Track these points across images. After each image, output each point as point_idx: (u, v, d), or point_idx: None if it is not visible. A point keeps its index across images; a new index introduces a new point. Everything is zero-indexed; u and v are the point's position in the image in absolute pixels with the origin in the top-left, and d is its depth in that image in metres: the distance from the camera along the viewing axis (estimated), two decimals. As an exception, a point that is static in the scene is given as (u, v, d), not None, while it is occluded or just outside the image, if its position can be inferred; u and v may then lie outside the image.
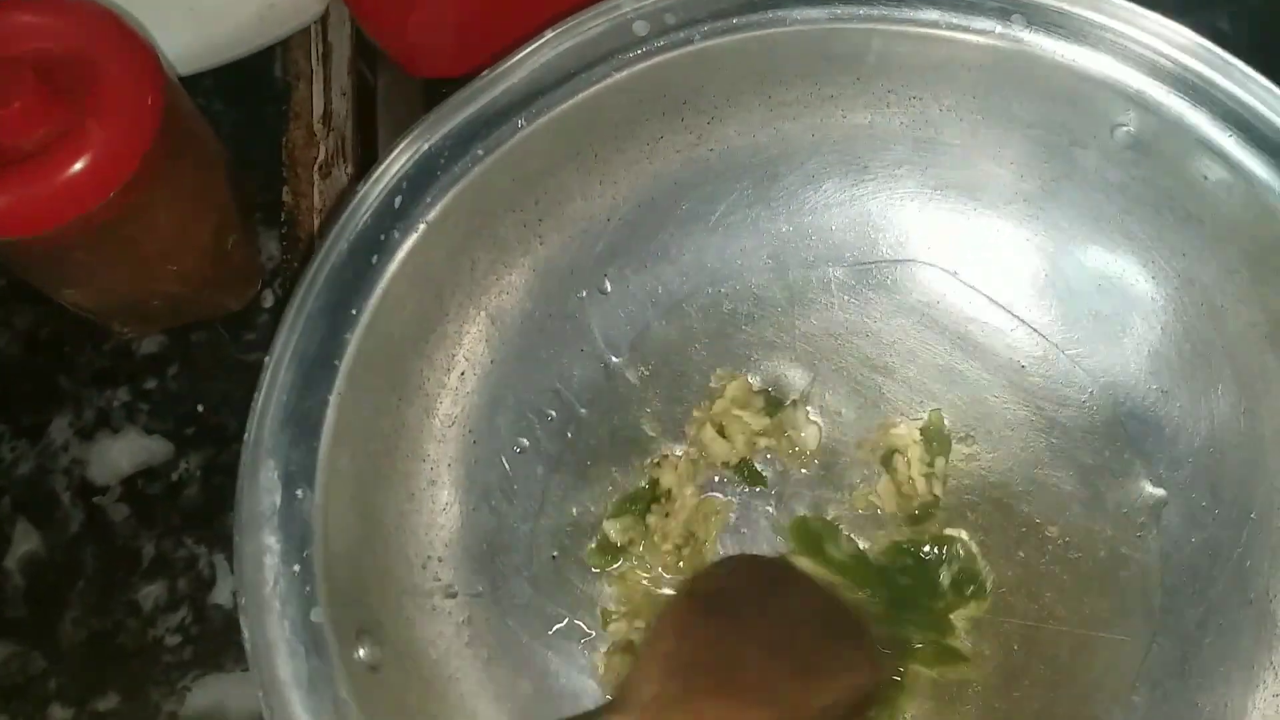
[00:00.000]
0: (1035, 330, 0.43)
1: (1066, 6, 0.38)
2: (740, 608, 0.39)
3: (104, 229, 0.37)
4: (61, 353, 0.46)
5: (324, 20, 0.49)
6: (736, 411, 0.43)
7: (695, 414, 0.43)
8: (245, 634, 0.34)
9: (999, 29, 0.38)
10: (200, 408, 0.45)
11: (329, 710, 0.33)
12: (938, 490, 0.42)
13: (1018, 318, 0.44)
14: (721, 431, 0.43)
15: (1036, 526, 0.41)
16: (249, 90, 0.49)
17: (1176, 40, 0.38)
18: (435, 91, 0.50)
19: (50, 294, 0.43)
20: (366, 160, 0.49)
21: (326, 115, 0.48)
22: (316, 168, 0.47)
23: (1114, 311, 0.42)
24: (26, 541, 0.44)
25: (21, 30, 0.37)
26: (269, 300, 0.47)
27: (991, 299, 0.44)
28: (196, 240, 0.42)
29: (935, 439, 0.42)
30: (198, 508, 0.44)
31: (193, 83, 0.45)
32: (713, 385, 0.44)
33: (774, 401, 0.43)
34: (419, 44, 0.48)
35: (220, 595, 0.43)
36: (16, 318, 0.47)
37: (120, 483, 0.45)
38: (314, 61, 0.49)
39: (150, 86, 0.37)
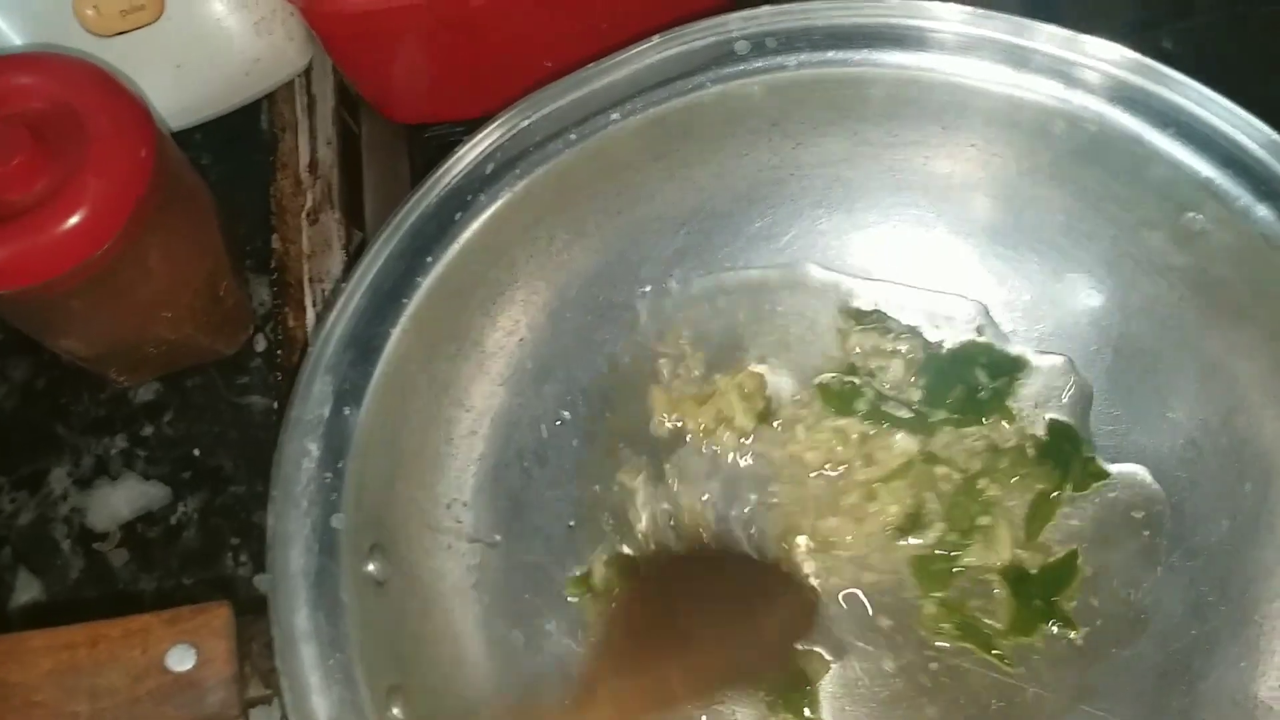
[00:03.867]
0: (1078, 397, 0.44)
1: (1151, 86, 0.39)
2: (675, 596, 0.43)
3: (100, 277, 0.39)
4: (58, 403, 0.47)
5: (308, 73, 0.51)
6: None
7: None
8: (269, 524, 0.37)
9: (1084, 101, 0.40)
10: (196, 452, 0.46)
11: (327, 607, 0.36)
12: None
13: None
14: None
15: (1041, 591, 0.41)
16: (237, 142, 0.50)
17: (1254, 134, 0.38)
18: (417, 136, 0.53)
19: (47, 344, 0.44)
20: (353, 206, 0.50)
21: (313, 164, 0.49)
22: (304, 215, 0.48)
23: (1156, 395, 0.42)
24: (28, 590, 0.44)
25: (16, 91, 0.39)
26: (261, 344, 0.47)
27: (1034, 362, 0.44)
28: (190, 286, 0.43)
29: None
30: (196, 550, 0.45)
31: (182, 138, 0.45)
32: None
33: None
34: (400, 91, 0.50)
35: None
36: (13, 370, 0.47)
37: (120, 528, 0.45)
38: (299, 112, 0.50)
39: (142, 139, 0.38)
